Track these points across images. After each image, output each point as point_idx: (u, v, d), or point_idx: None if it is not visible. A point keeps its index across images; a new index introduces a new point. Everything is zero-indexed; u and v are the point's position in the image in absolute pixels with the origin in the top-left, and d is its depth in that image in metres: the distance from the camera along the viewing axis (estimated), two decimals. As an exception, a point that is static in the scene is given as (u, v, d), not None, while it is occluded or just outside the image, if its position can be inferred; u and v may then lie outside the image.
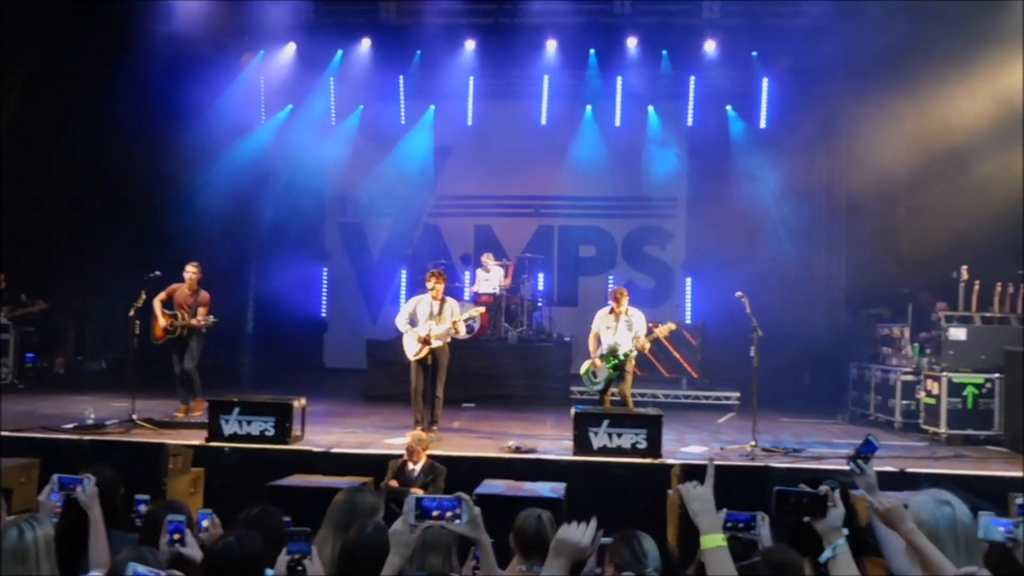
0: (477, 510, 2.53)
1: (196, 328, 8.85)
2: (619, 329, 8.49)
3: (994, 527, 2.75)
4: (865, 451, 2.95)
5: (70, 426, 7.89)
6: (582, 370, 8.79)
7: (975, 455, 8.10)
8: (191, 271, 8.88)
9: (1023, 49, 8.95)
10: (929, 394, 9.10)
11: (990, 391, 8.76)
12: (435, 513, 2.51)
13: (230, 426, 7.58)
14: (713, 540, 2.50)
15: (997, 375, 8.74)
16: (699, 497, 2.57)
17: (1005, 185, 9.05)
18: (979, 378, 8.81)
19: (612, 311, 8.60)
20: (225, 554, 2.64)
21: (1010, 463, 7.68)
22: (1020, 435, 8.20)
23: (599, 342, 8.58)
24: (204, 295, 8.91)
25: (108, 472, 3.88)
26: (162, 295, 8.84)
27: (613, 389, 8.61)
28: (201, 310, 8.83)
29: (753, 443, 7.89)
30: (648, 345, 8.57)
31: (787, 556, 2.47)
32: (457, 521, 2.51)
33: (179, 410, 8.94)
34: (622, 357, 8.44)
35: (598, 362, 8.54)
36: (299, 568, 2.60)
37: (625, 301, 8.54)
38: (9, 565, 2.78)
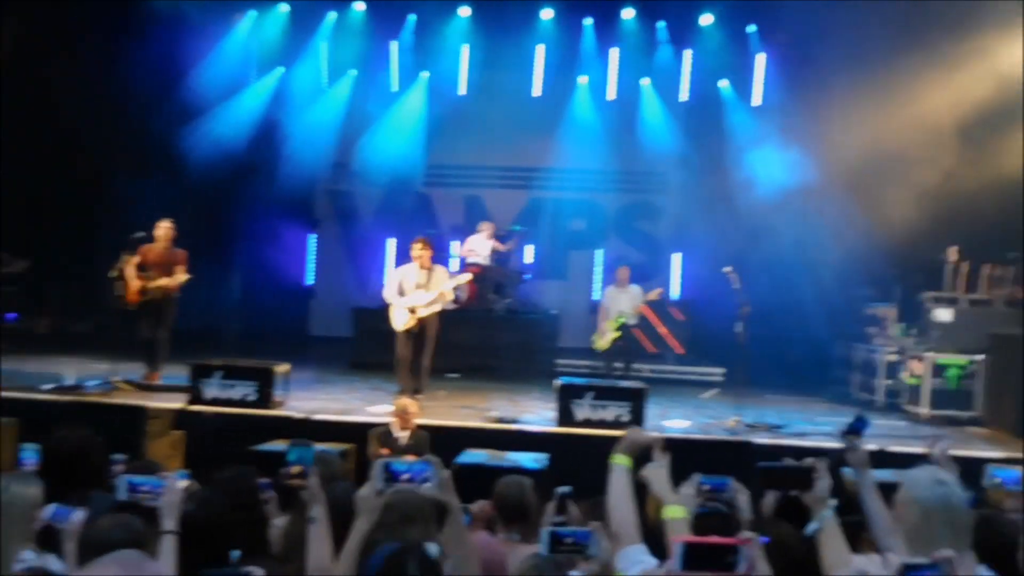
0: (447, 473, 2.51)
1: (171, 291, 8.54)
2: (622, 303, 10.01)
3: (994, 476, 2.72)
4: (857, 427, 2.94)
5: (48, 387, 7.82)
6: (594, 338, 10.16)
7: (956, 435, 8.14)
8: (164, 227, 8.56)
9: (1023, 28, 8.89)
10: (913, 374, 9.13)
11: (973, 373, 8.80)
12: (404, 477, 2.47)
13: (212, 390, 7.53)
14: (676, 511, 2.64)
15: (981, 357, 8.77)
16: (656, 473, 2.73)
17: (999, 166, 9.03)
18: (963, 359, 8.84)
19: (617, 286, 10.18)
20: (190, 513, 2.61)
21: (990, 444, 7.74)
22: (1008, 416, 8.24)
23: (607, 313, 10.05)
24: (181, 253, 8.58)
25: (82, 432, 3.83)
26: (136, 257, 8.45)
27: (619, 364, 10.02)
28: (178, 267, 8.51)
29: (736, 418, 7.91)
30: (638, 310, 10.12)
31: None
32: (427, 484, 2.47)
33: (147, 375, 8.57)
34: (621, 320, 9.85)
35: (603, 325, 9.98)
36: (299, 484, 2.57)
37: (624, 277, 10.18)
38: None
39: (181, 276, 8.50)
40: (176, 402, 7.49)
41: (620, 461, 2.78)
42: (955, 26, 9.33)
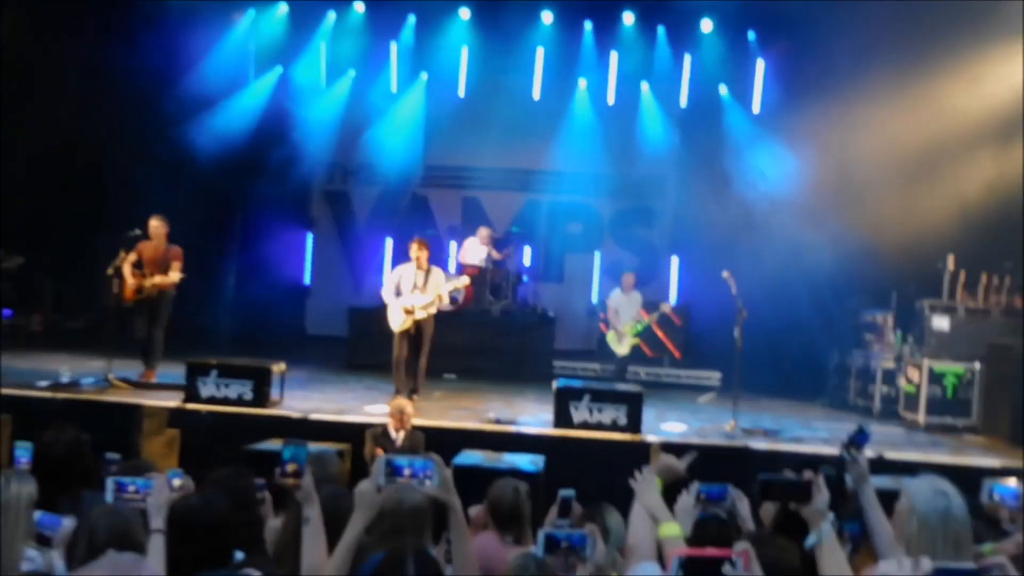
0: (448, 472, 2.48)
1: (166, 288, 8.50)
2: (629, 308, 10.44)
3: (994, 492, 2.71)
4: (859, 440, 2.93)
5: (44, 384, 7.78)
6: (608, 338, 10.52)
7: (953, 443, 8.15)
8: (155, 225, 8.52)
9: (1023, 36, 8.90)
10: (910, 381, 9.13)
11: (970, 381, 8.80)
12: (406, 472, 2.45)
13: (207, 388, 7.50)
14: (671, 529, 2.66)
15: (978, 365, 8.78)
16: (648, 492, 2.76)
17: (998, 175, 9.04)
18: (960, 367, 8.84)
19: (624, 291, 10.59)
20: (187, 513, 2.58)
21: (987, 452, 7.74)
22: (1004, 424, 8.24)
23: (617, 315, 10.44)
24: (175, 250, 8.55)
25: (71, 431, 3.82)
26: (132, 255, 8.42)
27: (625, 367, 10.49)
28: (174, 264, 8.47)
29: (733, 423, 7.90)
30: (656, 318, 10.65)
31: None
32: (428, 482, 2.44)
33: (144, 374, 8.54)
34: (639, 328, 10.35)
35: (620, 329, 10.35)
36: (293, 483, 2.56)
37: (629, 283, 10.64)
38: None
39: (176, 274, 8.45)
40: (172, 400, 7.46)
41: (673, 531, 2.73)
42: (956, 33, 9.35)
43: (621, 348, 10.35)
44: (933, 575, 1.87)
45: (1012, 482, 2.53)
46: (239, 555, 2.80)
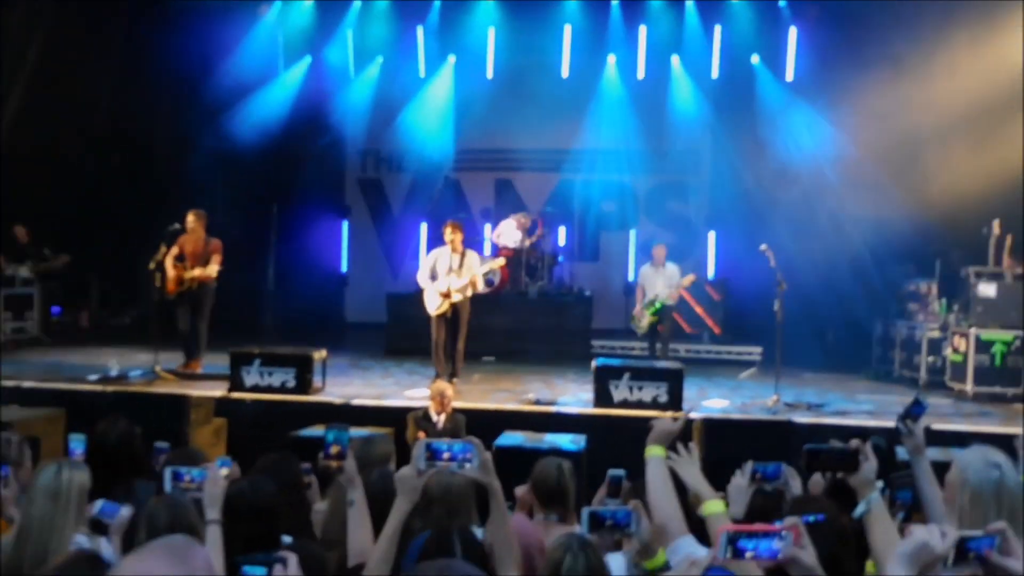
0: (488, 455, 2.49)
1: (206, 280, 8.65)
2: (658, 282, 9.76)
3: None
4: (915, 411, 2.88)
5: (94, 378, 7.97)
6: (632, 319, 10.05)
7: (1002, 412, 7.99)
8: (192, 219, 8.67)
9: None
10: (956, 351, 8.96)
11: (1019, 348, 8.60)
12: (445, 456, 2.45)
13: (251, 377, 7.63)
14: (715, 506, 2.60)
15: (1026, 332, 8.58)
16: (688, 469, 2.71)
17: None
18: (1008, 335, 8.64)
19: (653, 265, 9.97)
20: (237, 498, 2.63)
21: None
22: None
23: (644, 293, 9.86)
24: (215, 243, 8.70)
25: (123, 423, 3.91)
26: (174, 249, 8.61)
27: (659, 344, 9.85)
28: (214, 257, 8.61)
29: (775, 397, 7.83)
30: (676, 295, 9.81)
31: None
32: (468, 465, 2.45)
33: (184, 365, 8.70)
34: (658, 305, 9.63)
35: (639, 309, 9.81)
36: (337, 465, 2.58)
37: (660, 255, 9.92)
38: (42, 501, 2.80)
39: (215, 266, 8.61)
40: (217, 390, 7.60)
41: (654, 453, 2.73)
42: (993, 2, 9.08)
43: (640, 326, 9.89)
44: (959, 542, 1.85)
45: None
46: (287, 539, 2.85)
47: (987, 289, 8.94)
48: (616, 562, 2.86)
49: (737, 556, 1.97)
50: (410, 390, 8.12)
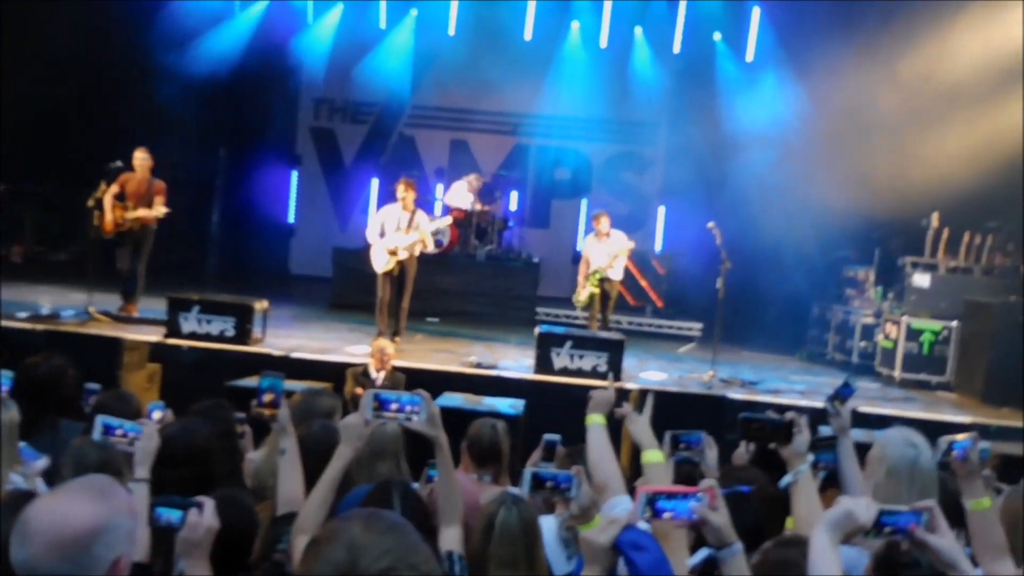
0: (436, 408, 2.49)
1: (148, 222, 8.38)
2: (600, 251, 9.15)
3: (953, 450, 2.75)
4: (844, 393, 2.96)
5: (24, 315, 7.73)
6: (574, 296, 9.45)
7: (926, 399, 8.29)
8: (140, 157, 8.38)
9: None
10: (887, 337, 9.24)
11: (946, 338, 8.91)
12: (393, 407, 2.44)
13: (189, 324, 7.48)
14: (654, 456, 2.68)
15: (955, 323, 8.88)
16: (638, 422, 2.77)
17: (987, 133, 9.00)
18: (937, 325, 8.94)
19: (596, 234, 9.32)
20: (169, 441, 2.58)
21: (956, 409, 7.89)
22: (977, 383, 8.37)
23: (588, 265, 9.25)
24: (159, 184, 8.42)
25: (58, 359, 3.80)
26: (115, 187, 8.27)
27: (599, 315, 9.32)
28: (158, 199, 8.35)
29: (711, 373, 7.99)
30: (613, 263, 9.16)
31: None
32: (415, 418, 2.45)
33: (121, 308, 8.44)
34: (599, 276, 9.10)
35: (581, 280, 9.28)
36: (270, 412, 2.56)
37: (603, 224, 9.24)
38: None
39: (161, 208, 8.35)
40: (153, 335, 7.44)
41: (596, 420, 2.78)
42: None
43: (580, 298, 9.32)
44: (878, 516, 1.93)
45: (962, 437, 2.58)
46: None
47: (921, 279, 9.22)
48: (548, 524, 2.91)
49: (655, 516, 2.03)
50: (351, 346, 8.06)
